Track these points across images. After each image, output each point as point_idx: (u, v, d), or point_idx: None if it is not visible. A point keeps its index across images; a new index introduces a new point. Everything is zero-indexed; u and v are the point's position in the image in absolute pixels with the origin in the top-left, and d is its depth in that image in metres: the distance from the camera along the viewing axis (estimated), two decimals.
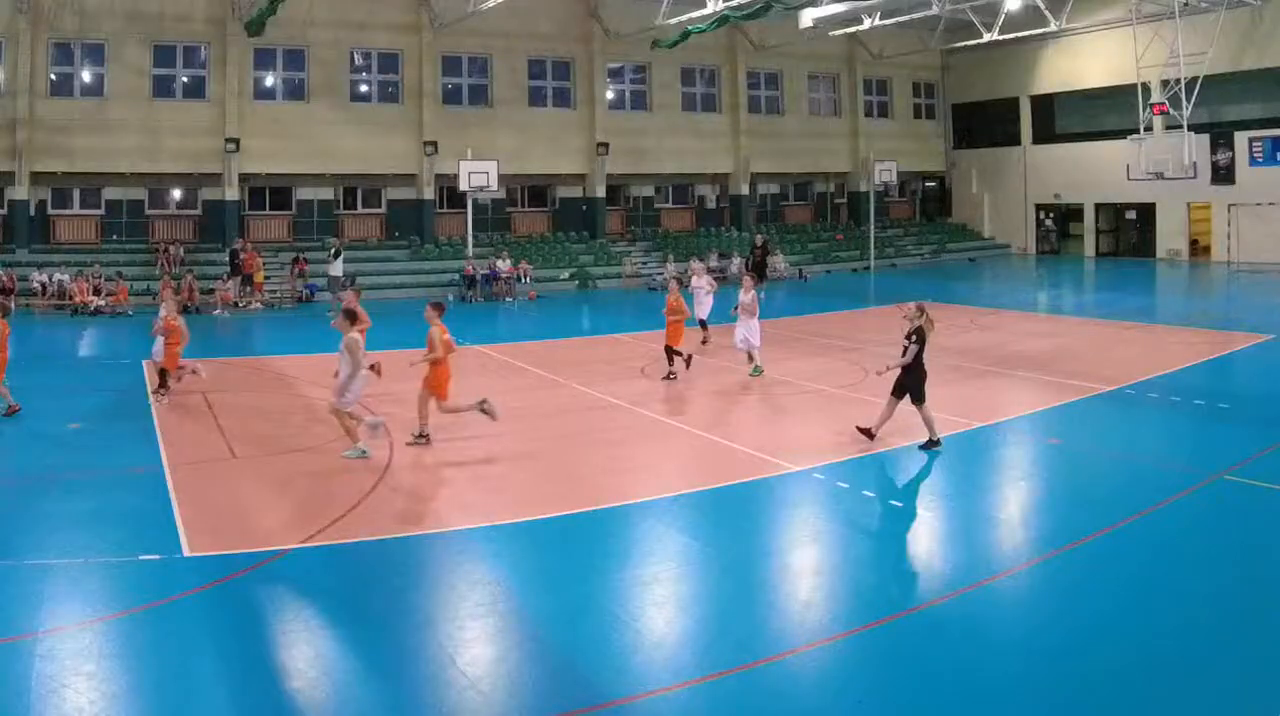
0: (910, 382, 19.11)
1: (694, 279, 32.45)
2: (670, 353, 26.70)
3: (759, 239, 52.32)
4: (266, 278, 46.98)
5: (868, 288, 52.34)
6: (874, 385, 23.27)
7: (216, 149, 48.75)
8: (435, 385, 19.81)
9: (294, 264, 47.57)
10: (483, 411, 19.88)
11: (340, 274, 44.74)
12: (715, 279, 52.83)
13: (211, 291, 44.88)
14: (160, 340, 24.40)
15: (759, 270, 48.79)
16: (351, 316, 19.54)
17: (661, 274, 51.58)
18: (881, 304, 43.45)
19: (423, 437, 20.12)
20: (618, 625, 11.87)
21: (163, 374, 24.34)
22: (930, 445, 19.12)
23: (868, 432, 19.46)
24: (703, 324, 31.36)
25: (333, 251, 45.14)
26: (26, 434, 21.10)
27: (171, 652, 11.03)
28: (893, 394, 19.40)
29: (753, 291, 26.61)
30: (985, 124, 68.87)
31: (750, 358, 26.74)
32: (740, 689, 10.32)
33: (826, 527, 15.52)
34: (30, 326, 38.56)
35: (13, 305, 41.01)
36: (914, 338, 18.89)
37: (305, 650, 11.30)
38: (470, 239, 52.42)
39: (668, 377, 26.48)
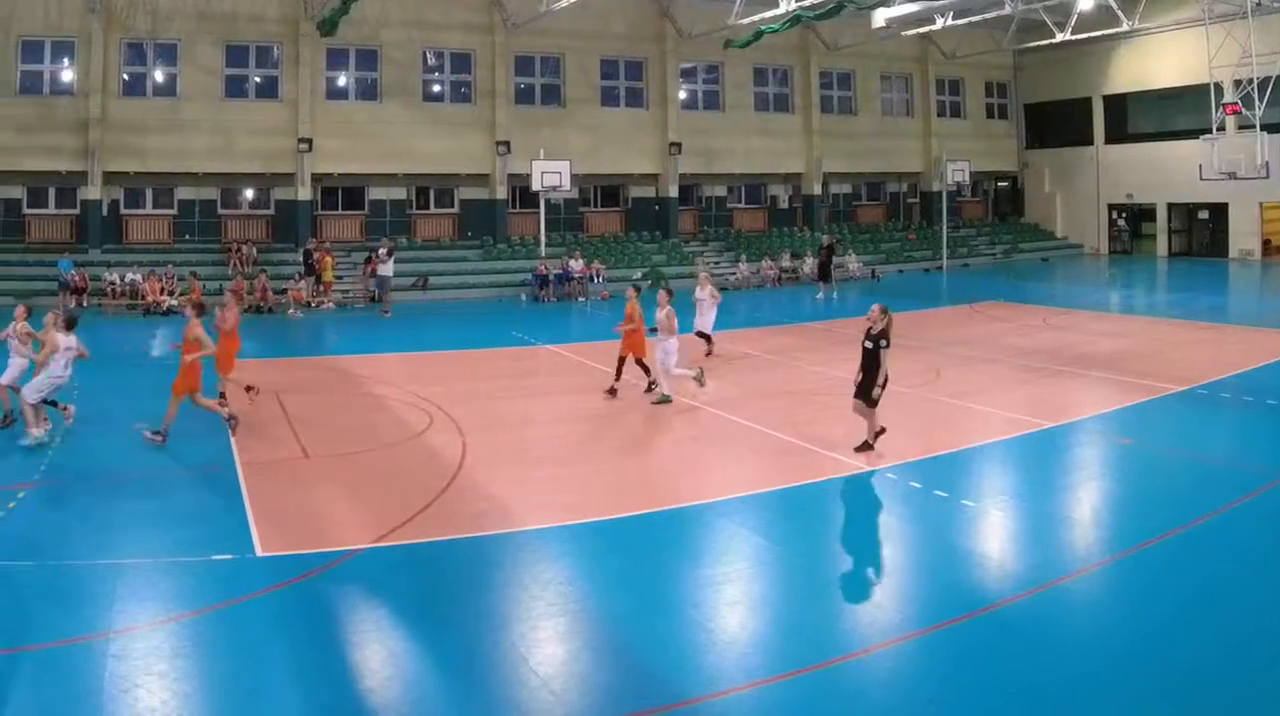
0: (869, 382, 18.05)
1: (697, 289, 30.00)
2: (639, 364, 24.10)
3: (826, 239, 49.72)
4: (339, 277, 45.23)
5: (940, 287, 50.39)
6: (947, 385, 24.29)
7: (289, 149, 46.88)
8: (188, 383, 19.29)
9: (366, 264, 45.13)
10: (228, 420, 19.86)
11: (391, 275, 42.57)
12: (782, 274, 52.22)
13: (284, 291, 42.92)
14: (19, 362, 20.43)
15: (824, 270, 47.11)
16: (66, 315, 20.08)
17: (734, 274, 50.47)
18: (954, 303, 42.40)
19: (158, 435, 19.14)
20: (690, 625, 11.56)
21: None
22: (866, 447, 18.28)
23: (866, 446, 18.39)
24: (705, 337, 29.03)
25: (384, 252, 42.79)
26: (98, 434, 20.22)
27: (244, 652, 10.77)
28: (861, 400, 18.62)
29: (668, 307, 23.05)
30: (1058, 124, 65.63)
31: (694, 375, 24.15)
32: (812, 688, 10.10)
33: (899, 527, 15.26)
34: (101, 326, 36.71)
35: (85, 304, 39.94)
36: (885, 341, 17.92)
37: (378, 650, 11.07)
38: (543, 238, 50.44)
39: (647, 390, 23.92)
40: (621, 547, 14.20)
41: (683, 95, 55.85)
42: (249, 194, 49.50)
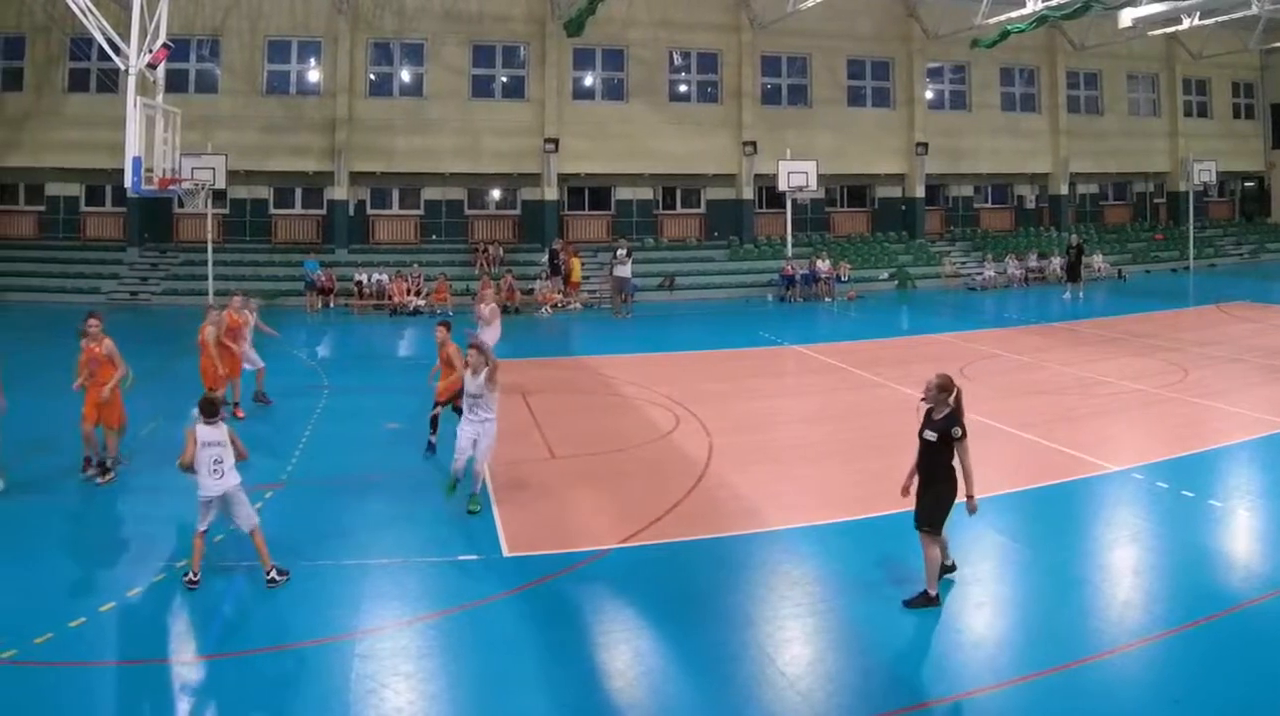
0: (933, 497, 10.28)
1: (479, 305, 22.01)
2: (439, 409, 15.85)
3: (1074, 239, 40.57)
4: (585, 277, 37.53)
5: (1186, 288, 41.72)
6: (1194, 385, 20.94)
7: (535, 149, 38.79)
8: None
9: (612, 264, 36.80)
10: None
11: (629, 276, 35.09)
12: (1028, 274, 42.97)
13: (531, 292, 35.61)
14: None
15: (1073, 270, 38.75)
16: None
17: (981, 273, 42.25)
18: (1201, 304, 36.00)
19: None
20: (936, 625, 9.73)
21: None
22: (923, 601, 10.18)
23: (935, 595, 10.32)
24: None
25: (623, 252, 35.00)
26: (347, 435, 17.57)
27: (490, 653, 9.24)
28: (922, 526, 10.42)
29: (483, 371, 13.12)
30: None
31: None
32: (1058, 688, 8.53)
33: (1145, 527, 12.59)
34: (349, 326, 32.49)
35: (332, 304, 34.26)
36: (959, 429, 10.13)
37: (624, 650, 9.40)
38: (789, 239, 40.68)
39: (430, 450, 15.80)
40: (868, 547, 11.83)
41: (929, 95, 45.40)
42: (495, 194, 41.36)
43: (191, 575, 10.48)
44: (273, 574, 10.65)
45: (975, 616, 10.10)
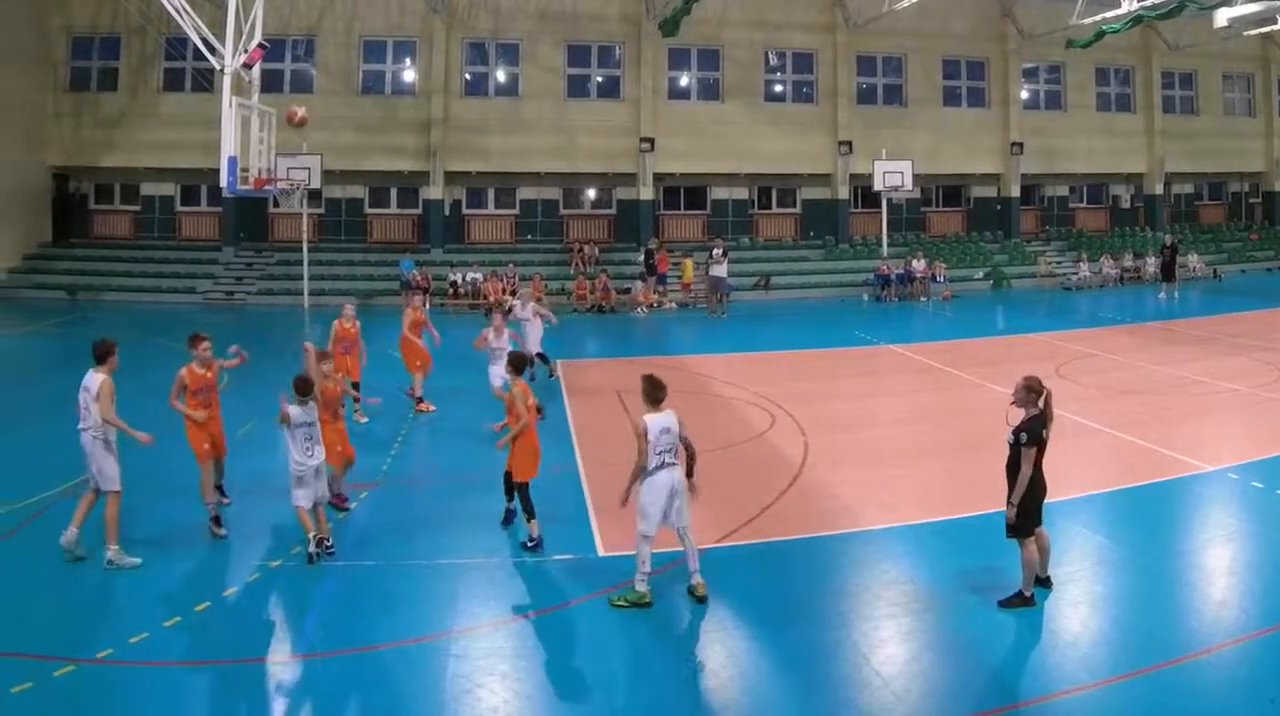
0: (1019, 507, 9.22)
1: (518, 307, 20.58)
2: (517, 489, 11.24)
3: (1168, 239, 38.10)
4: (679, 277, 35.37)
5: None
6: None
7: (631, 149, 36.29)
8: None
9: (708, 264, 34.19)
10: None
11: (724, 276, 32.61)
12: (1124, 273, 39.92)
13: (627, 291, 33.19)
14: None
15: (1168, 270, 36.26)
16: None
17: (1076, 274, 39.12)
18: None
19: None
20: (1032, 624, 9.15)
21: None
22: (1018, 601, 9.44)
23: (1030, 595, 9.52)
24: (543, 358, 20.47)
25: (719, 252, 32.52)
26: (443, 434, 16.73)
27: (585, 652, 8.88)
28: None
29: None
30: None
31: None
32: (1154, 687, 8.03)
33: (1241, 527, 11.80)
34: (445, 326, 29.43)
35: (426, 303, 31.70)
36: (1025, 435, 9.18)
37: (718, 649, 8.93)
38: (885, 238, 38.17)
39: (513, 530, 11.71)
40: (963, 547, 11.02)
41: (1024, 95, 42.22)
42: (591, 193, 38.90)
43: (321, 536, 10.56)
44: (330, 542, 10.70)
45: (1070, 616, 9.53)
